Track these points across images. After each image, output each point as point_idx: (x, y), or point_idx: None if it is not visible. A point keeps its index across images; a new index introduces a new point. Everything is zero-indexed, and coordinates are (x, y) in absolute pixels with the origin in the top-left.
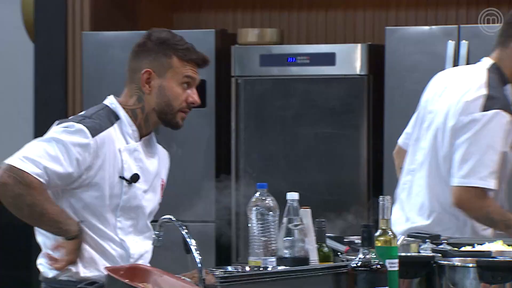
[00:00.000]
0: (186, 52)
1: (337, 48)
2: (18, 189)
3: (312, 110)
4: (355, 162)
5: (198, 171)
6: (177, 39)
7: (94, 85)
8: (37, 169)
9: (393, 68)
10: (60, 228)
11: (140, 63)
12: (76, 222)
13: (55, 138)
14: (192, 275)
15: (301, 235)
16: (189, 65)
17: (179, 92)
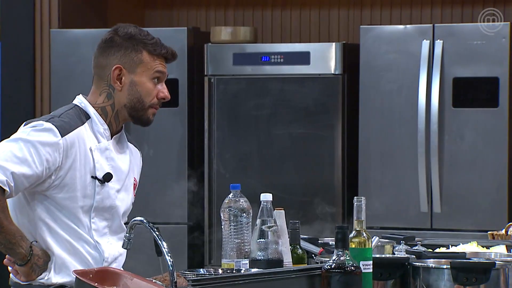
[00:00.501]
0: (156, 46)
1: (312, 47)
2: None
3: (286, 109)
4: (330, 162)
5: (170, 171)
6: (144, 33)
7: (63, 84)
8: (2, 176)
9: (368, 67)
10: (12, 249)
11: (108, 59)
12: (28, 245)
13: (23, 139)
14: (163, 278)
15: (275, 236)
16: (158, 59)
17: (150, 88)
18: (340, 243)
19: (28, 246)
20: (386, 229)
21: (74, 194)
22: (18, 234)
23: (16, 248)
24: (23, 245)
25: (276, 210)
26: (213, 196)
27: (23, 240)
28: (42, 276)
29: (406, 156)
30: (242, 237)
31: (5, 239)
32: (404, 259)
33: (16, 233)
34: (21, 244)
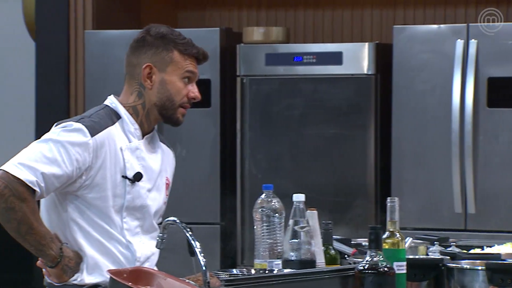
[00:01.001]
0: (187, 46)
1: (344, 47)
2: (11, 202)
3: (318, 110)
4: (363, 163)
5: (203, 172)
6: (176, 33)
7: (97, 84)
8: (32, 177)
9: (401, 67)
10: (42, 251)
11: (139, 58)
12: (59, 247)
13: (53, 139)
14: (196, 278)
15: (308, 237)
16: (189, 59)
17: (180, 87)
18: (373, 244)
19: (58, 248)
20: (420, 230)
21: (105, 194)
22: (48, 236)
23: (46, 250)
24: (53, 247)
25: (308, 211)
26: (245, 197)
27: (53, 242)
28: (74, 277)
29: (440, 157)
30: (274, 238)
31: (35, 241)
32: (438, 260)
33: (46, 235)
34: (51, 246)
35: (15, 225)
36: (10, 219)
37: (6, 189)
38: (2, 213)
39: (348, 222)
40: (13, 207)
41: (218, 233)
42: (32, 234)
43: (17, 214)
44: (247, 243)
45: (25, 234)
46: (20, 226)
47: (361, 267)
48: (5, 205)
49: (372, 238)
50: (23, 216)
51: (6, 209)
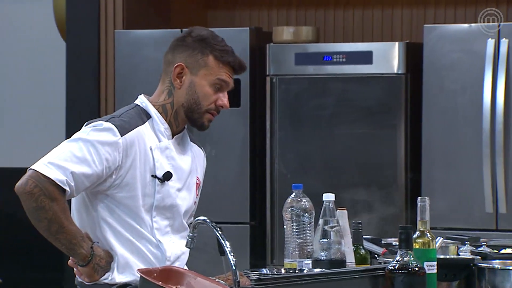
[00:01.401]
0: (224, 53)
1: (374, 47)
2: (41, 201)
3: (348, 109)
4: (393, 162)
5: (233, 171)
6: (217, 39)
7: (127, 84)
8: (62, 176)
9: (431, 67)
10: (73, 250)
11: (175, 57)
12: (90, 246)
13: (82, 138)
14: (226, 278)
15: (338, 237)
16: (224, 67)
17: (209, 92)
18: (403, 244)
19: (89, 246)
20: (450, 230)
21: (135, 193)
22: (79, 235)
23: (77, 249)
24: (84, 246)
25: (338, 210)
26: (275, 196)
27: (84, 241)
28: (105, 276)
29: (471, 156)
30: (304, 237)
31: (66, 239)
32: (469, 260)
33: (77, 234)
34: (82, 245)
35: (45, 224)
36: (40, 218)
37: (36, 188)
38: (32, 212)
39: (378, 221)
40: (43, 206)
41: (248, 232)
42: (63, 233)
43: (48, 213)
44: (277, 243)
45: (56, 233)
46: (51, 225)
47: (391, 267)
48: (35, 204)
49: (403, 238)
50: (54, 215)
51: (37, 208)
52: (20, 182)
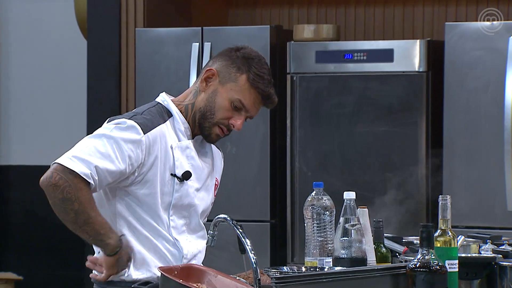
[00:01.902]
0: (258, 79)
1: (395, 44)
2: (67, 192)
3: (369, 107)
4: (414, 160)
5: (253, 169)
6: (262, 65)
7: (147, 82)
8: (86, 169)
9: (453, 65)
10: (101, 240)
11: (214, 62)
12: (117, 236)
13: (106, 135)
14: (247, 276)
15: (358, 235)
16: (252, 93)
17: (226, 107)
18: (425, 242)
19: (118, 238)
20: (472, 228)
21: (155, 191)
22: (107, 226)
23: (105, 239)
24: (113, 236)
25: (359, 208)
26: (295, 194)
27: (112, 232)
28: (122, 273)
29: (492, 154)
30: (325, 235)
31: (94, 230)
32: (490, 259)
33: (104, 224)
34: (110, 236)
35: (72, 216)
36: (67, 210)
37: (61, 180)
38: (59, 204)
39: (399, 220)
40: (69, 197)
41: (268, 230)
42: (90, 224)
43: (74, 204)
44: (297, 241)
45: (83, 225)
46: (78, 216)
47: (412, 265)
48: (61, 196)
49: (424, 236)
50: (81, 206)
51: (63, 200)
52: (45, 176)
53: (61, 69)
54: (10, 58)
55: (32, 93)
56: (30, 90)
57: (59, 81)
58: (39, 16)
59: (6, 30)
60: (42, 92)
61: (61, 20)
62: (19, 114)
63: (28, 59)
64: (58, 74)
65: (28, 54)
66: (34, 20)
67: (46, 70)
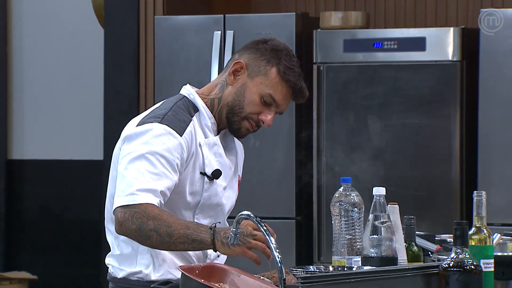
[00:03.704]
0: (289, 71)
1: (428, 32)
2: (137, 218)
3: (400, 99)
4: (447, 154)
5: (277, 164)
6: (291, 57)
7: (167, 72)
8: (154, 199)
9: (488, 54)
10: (195, 241)
11: (241, 55)
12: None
13: (149, 152)
14: (271, 275)
15: (389, 233)
16: (283, 86)
17: (256, 101)
18: (458, 240)
19: (207, 228)
20: (508, 226)
21: (183, 190)
22: (191, 224)
23: (197, 238)
24: (202, 230)
25: (389, 205)
26: (322, 190)
27: (200, 226)
28: (137, 271)
29: None
30: (353, 233)
31: (182, 235)
32: None
33: (188, 223)
34: (199, 231)
35: (155, 236)
36: (147, 234)
37: (126, 213)
38: (139, 235)
39: (431, 217)
40: (141, 221)
41: (293, 228)
42: (175, 231)
43: (149, 223)
44: (324, 239)
45: (169, 237)
46: (159, 232)
47: (445, 265)
48: (134, 226)
49: (458, 234)
50: (156, 221)
51: (139, 228)
52: (115, 225)
53: (77, 60)
54: (24, 50)
55: (46, 85)
56: (44, 82)
57: (74, 72)
58: (54, 5)
59: (20, 20)
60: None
61: (77, 7)
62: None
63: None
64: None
65: (42, 44)
66: (48, 9)
67: (61, 61)
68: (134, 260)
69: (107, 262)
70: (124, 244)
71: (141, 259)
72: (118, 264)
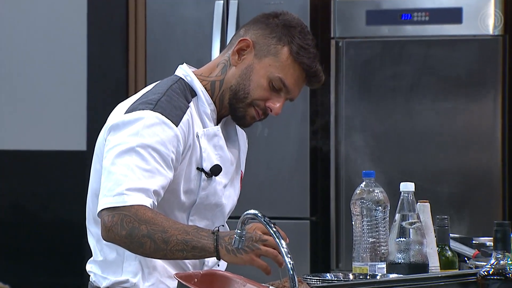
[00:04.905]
0: (303, 51)
1: (464, 2)
2: (127, 222)
3: (432, 79)
4: (487, 144)
5: (289, 156)
6: (305, 35)
7: (161, 48)
8: (147, 199)
9: None
10: (195, 248)
11: (248, 31)
12: (210, 232)
13: (139, 145)
14: (282, 284)
15: (418, 235)
16: (295, 68)
17: (263, 85)
18: (499, 244)
19: (209, 233)
20: None
21: (178, 188)
22: (190, 228)
23: (198, 244)
24: (203, 235)
25: (419, 203)
26: (341, 186)
27: (201, 231)
28: (123, 280)
29: None
30: (377, 236)
31: (179, 242)
32: None
33: (187, 228)
34: (199, 236)
35: (149, 242)
36: (140, 241)
37: (114, 217)
38: (130, 242)
39: (468, 217)
40: (133, 225)
41: (308, 230)
42: (171, 237)
43: (141, 228)
44: (343, 242)
45: (165, 243)
46: (153, 238)
47: (484, 272)
48: (124, 232)
49: (499, 237)
50: (149, 225)
51: (130, 234)
52: (101, 230)
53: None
54: None
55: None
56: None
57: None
58: None
59: None
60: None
61: None
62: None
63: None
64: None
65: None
66: None
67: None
68: (120, 268)
69: (88, 269)
70: (108, 248)
71: (127, 266)
72: (101, 271)
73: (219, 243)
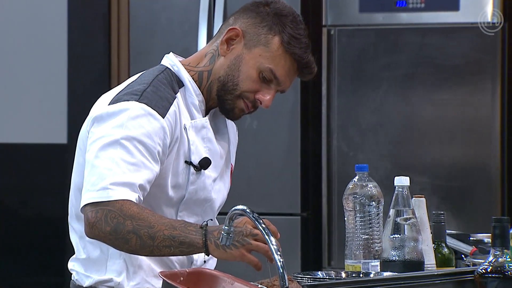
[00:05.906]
0: (294, 41)
1: None
2: (111, 218)
3: (428, 69)
4: (485, 137)
5: (279, 149)
6: (297, 24)
7: (145, 37)
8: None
9: None
10: (183, 243)
11: (237, 20)
12: (198, 227)
13: (124, 137)
14: (271, 283)
15: (413, 231)
16: (286, 59)
17: (253, 77)
18: (498, 241)
19: (197, 227)
20: None
21: (165, 182)
22: (178, 223)
23: (185, 239)
24: (191, 230)
25: (414, 198)
26: (333, 180)
27: (188, 225)
28: (107, 279)
29: None
30: (371, 232)
31: (166, 237)
32: None
33: (174, 223)
34: (187, 231)
35: (135, 238)
36: (125, 237)
37: (98, 213)
38: (114, 238)
39: (465, 212)
40: (117, 221)
41: (298, 226)
42: (157, 233)
43: (126, 224)
44: (336, 239)
45: (152, 239)
46: (139, 233)
47: (482, 270)
48: (109, 228)
49: (497, 233)
50: (134, 221)
51: (114, 230)
52: (85, 226)
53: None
54: None
55: None
56: None
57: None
58: None
59: None
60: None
61: None
62: None
63: None
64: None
65: None
66: None
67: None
68: (104, 266)
69: (71, 267)
70: (91, 246)
71: (112, 264)
72: (84, 270)
73: (207, 238)
